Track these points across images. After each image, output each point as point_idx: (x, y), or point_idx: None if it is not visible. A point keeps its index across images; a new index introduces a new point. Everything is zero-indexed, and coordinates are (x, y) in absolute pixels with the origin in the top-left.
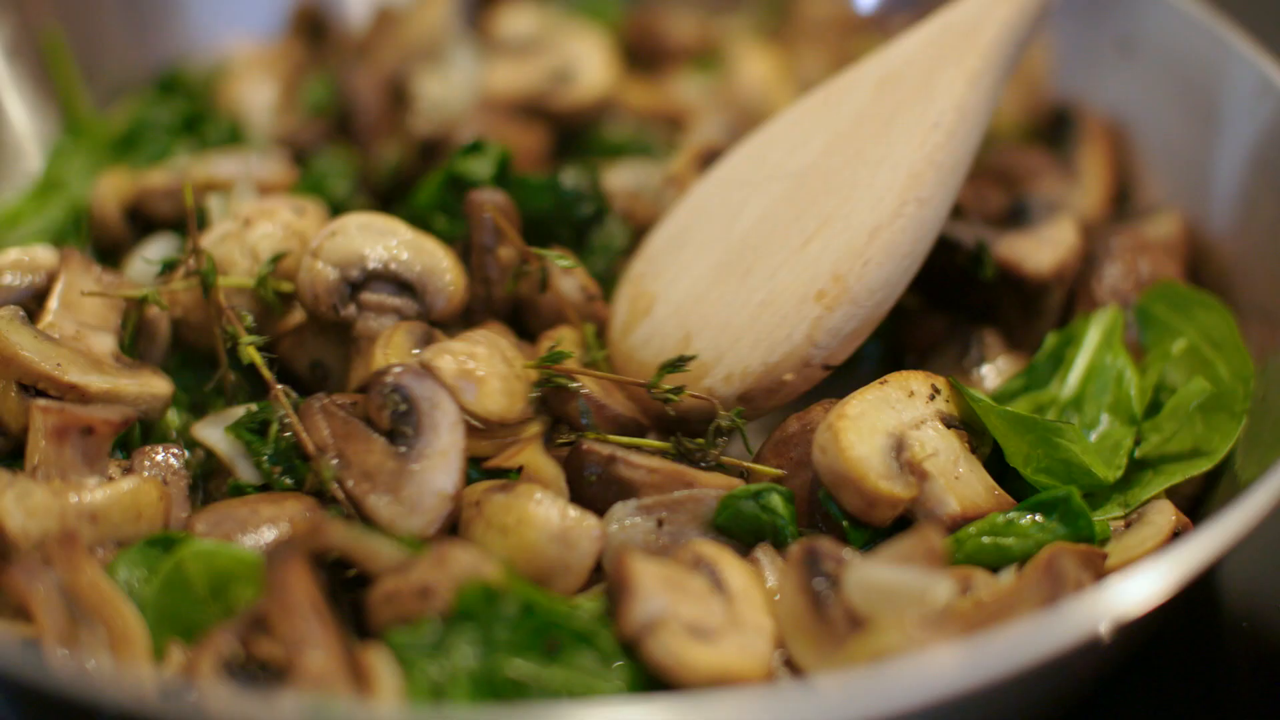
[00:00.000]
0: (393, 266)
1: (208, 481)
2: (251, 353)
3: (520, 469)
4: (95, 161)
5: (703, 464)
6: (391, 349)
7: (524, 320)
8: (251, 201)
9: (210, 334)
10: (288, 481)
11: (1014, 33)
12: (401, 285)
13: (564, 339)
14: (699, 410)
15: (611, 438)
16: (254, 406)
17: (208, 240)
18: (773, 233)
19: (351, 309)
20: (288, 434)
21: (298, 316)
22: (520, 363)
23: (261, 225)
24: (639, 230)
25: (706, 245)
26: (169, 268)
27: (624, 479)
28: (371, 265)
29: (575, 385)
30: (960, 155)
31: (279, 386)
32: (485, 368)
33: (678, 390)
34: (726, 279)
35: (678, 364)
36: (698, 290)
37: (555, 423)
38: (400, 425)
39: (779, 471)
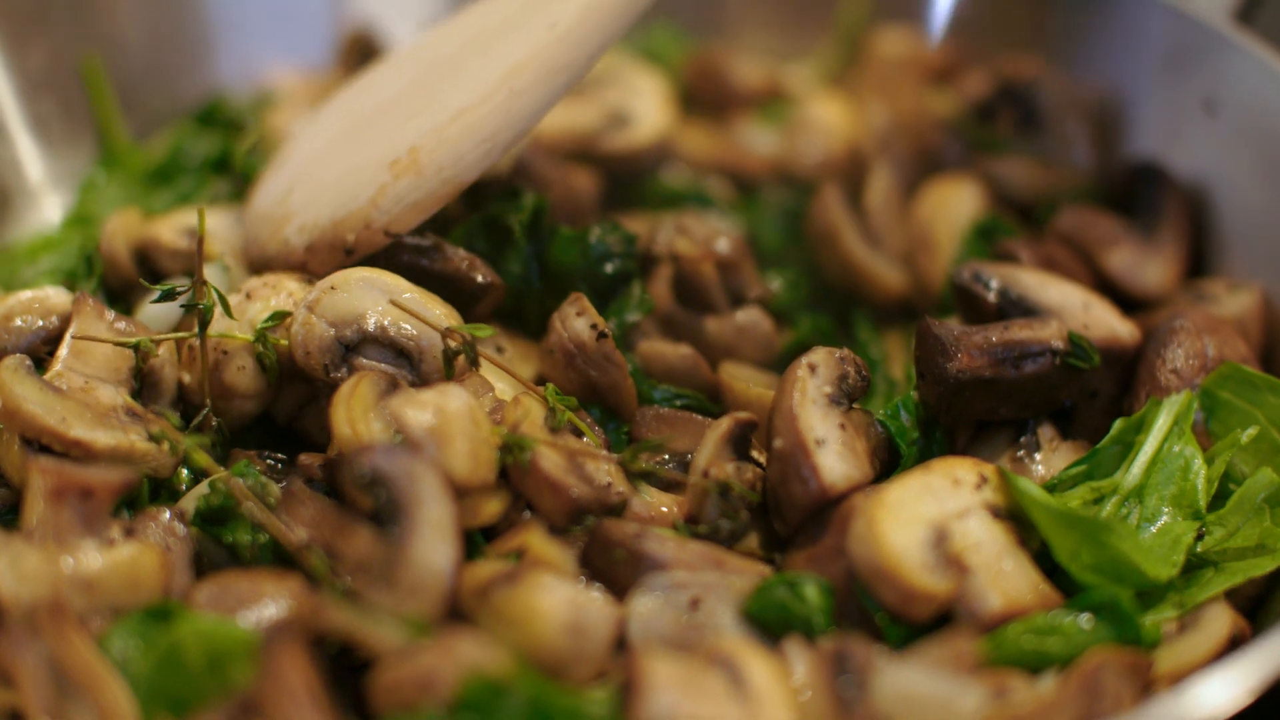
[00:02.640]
0: (391, 332)
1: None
2: (196, 454)
3: (522, 551)
4: (128, 195)
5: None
6: (355, 404)
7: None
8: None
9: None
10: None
11: None
12: (399, 352)
13: (531, 409)
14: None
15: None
16: (207, 489)
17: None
18: (391, 109)
19: (343, 372)
20: (262, 535)
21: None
22: (487, 427)
23: (263, 298)
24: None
25: (340, 114)
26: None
27: (653, 556)
28: (369, 327)
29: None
30: (570, 59)
31: (237, 481)
32: (454, 424)
33: (649, 476)
34: (339, 144)
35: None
36: (313, 152)
37: (516, 498)
38: (382, 506)
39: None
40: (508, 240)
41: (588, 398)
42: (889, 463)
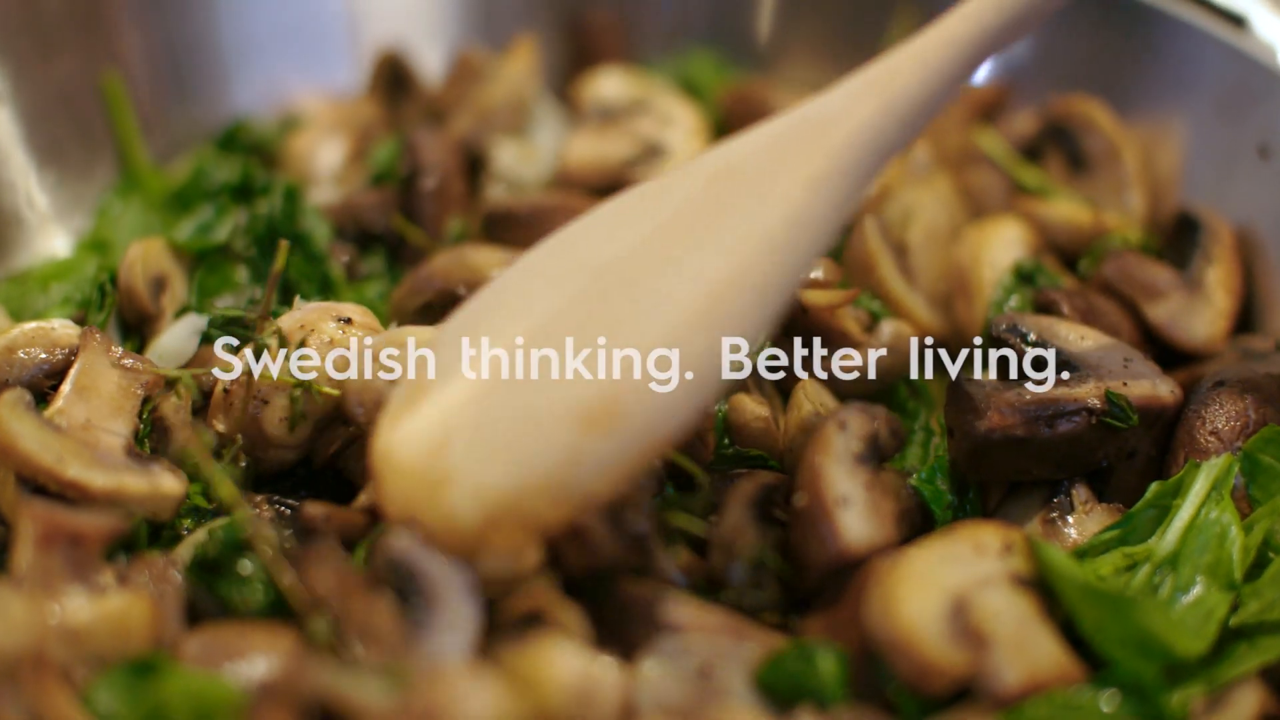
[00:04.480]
0: None
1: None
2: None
3: (534, 613)
4: (145, 221)
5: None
6: None
7: None
8: (289, 315)
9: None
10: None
11: (875, 136)
12: None
13: None
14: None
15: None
16: (203, 535)
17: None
18: (556, 335)
19: None
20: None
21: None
22: None
23: (296, 342)
24: None
25: (490, 338)
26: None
27: (669, 620)
28: None
29: None
30: (786, 273)
31: (256, 523)
32: None
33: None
34: (498, 382)
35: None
36: (466, 389)
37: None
38: (410, 593)
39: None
40: None
41: None
42: (921, 526)
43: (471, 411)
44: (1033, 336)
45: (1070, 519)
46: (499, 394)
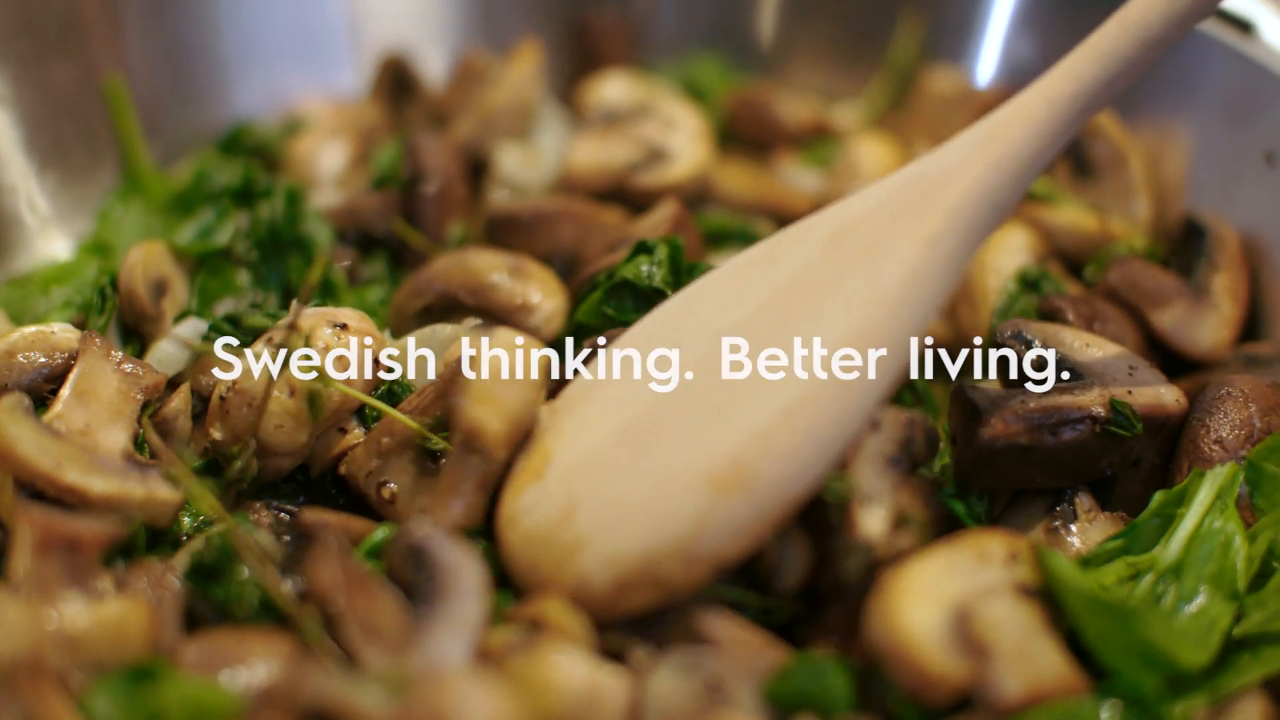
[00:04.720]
0: None
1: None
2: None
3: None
4: (147, 224)
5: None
6: None
7: None
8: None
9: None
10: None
11: (988, 193)
12: None
13: None
14: None
15: None
16: (199, 544)
17: (239, 371)
18: (683, 400)
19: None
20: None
21: (355, 435)
22: None
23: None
24: None
25: (613, 405)
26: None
27: (704, 634)
28: None
29: None
30: (907, 330)
31: (242, 534)
32: None
33: None
34: (625, 447)
35: None
36: (593, 455)
37: None
38: (420, 584)
39: None
40: (654, 299)
41: None
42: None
43: (598, 477)
44: (1037, 343)
45: (1073, 528)
46: (625, 459)
